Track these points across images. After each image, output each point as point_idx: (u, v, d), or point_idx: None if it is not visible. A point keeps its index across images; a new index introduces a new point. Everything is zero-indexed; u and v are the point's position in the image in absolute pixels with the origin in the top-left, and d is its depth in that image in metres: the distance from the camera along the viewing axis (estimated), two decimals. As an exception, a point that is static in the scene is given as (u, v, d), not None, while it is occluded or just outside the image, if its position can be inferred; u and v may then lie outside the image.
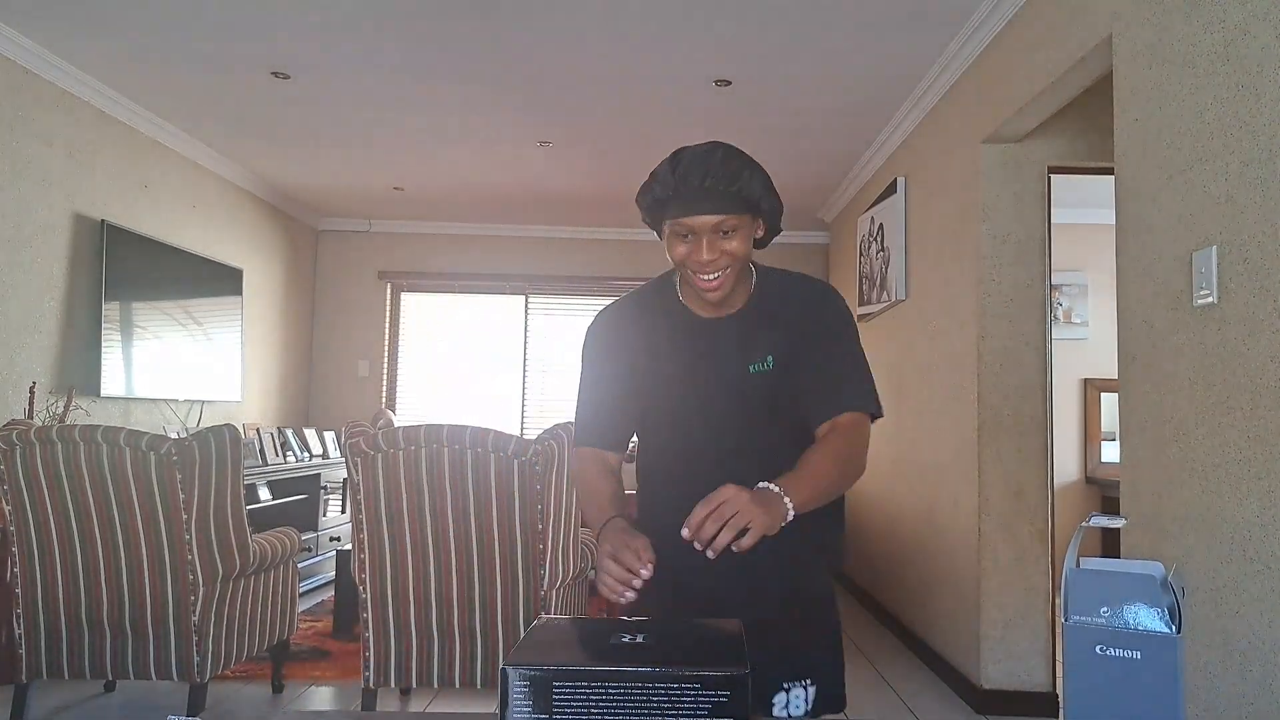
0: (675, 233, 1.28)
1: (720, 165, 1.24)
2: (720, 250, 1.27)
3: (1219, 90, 1.89)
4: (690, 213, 1.25)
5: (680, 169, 1.25)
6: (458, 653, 2.55)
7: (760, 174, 1.28)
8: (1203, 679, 1.91)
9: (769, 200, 1.30)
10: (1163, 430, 2.08)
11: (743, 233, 1.28)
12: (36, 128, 3.76)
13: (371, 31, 3.45)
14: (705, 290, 1.30)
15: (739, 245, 1.28)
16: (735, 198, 1.25)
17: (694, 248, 1.27)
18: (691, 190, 1.24)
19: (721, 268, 1.27)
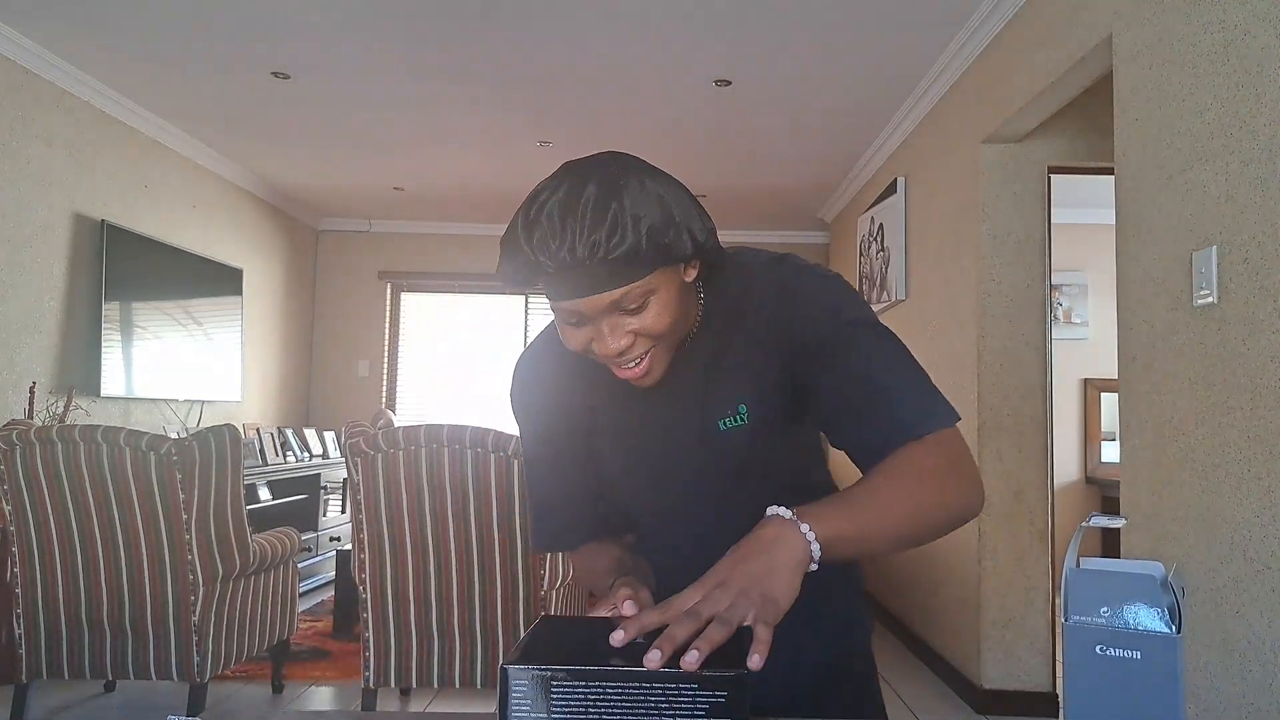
0: (562, 316, 0.87)
1: (592, 219, 0.79)
2: (631, 332, 0.86)
3: (1219, 90, 1.88)
4: (567, 294, 0.83)
5: (538, 236, 0.80)
6: (458, 653, 2.56)
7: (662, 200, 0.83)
8: (1203, 679, 1.91)
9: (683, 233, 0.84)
10: (1163, 430, 2.08)
11: (660, 295, 0.85)
12: (36, 128, 3.76)
13: (371, 31, 3.45)
14: (629, 379, 0.91)
15: (659, 313, 0.86)
16: (630, 260, 0.81)
17: (593, 335, 0.87)
18: (562, 266, 0.80)
19: (643, 347, 0.88)
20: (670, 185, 0.85)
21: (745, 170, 5.22)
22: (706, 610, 0.70)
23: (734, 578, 0.73)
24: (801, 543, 0.76)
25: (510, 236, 0.83)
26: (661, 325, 0.86)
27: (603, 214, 0.79)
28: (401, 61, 3.73)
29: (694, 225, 0.85)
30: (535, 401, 1.07)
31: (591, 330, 0.87)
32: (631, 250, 0.80)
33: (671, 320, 0.87)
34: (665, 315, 0.86)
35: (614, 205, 0.80)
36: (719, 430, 0.98)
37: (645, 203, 0.81)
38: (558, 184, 0.82)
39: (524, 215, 0.82)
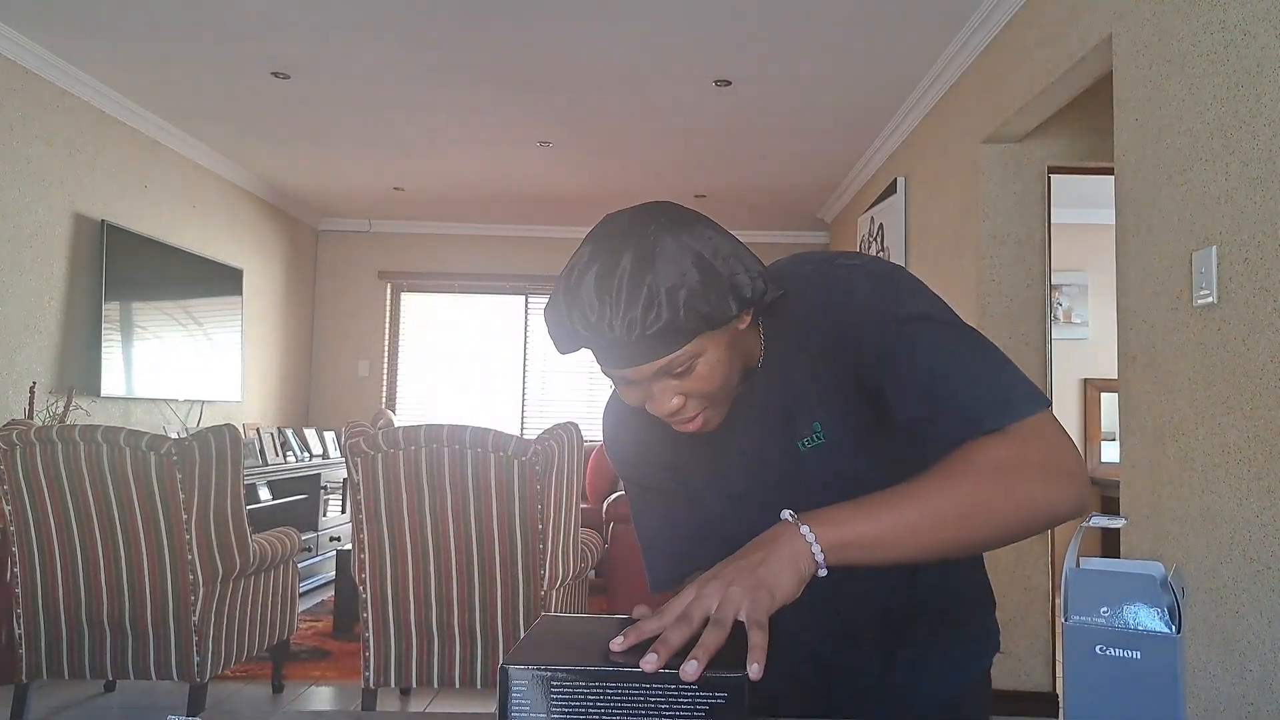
0: (614, 380, 0.87)
1: (627, 301, 0.77)
2: (681, 392, 0.85)
3: (1219, 90, 1.88)
4: (613, 364, 0.83)
5: (576, 313, 0.80)
6: (458, 653, 2.56)
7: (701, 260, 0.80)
8: (1203, 679, 1.91)
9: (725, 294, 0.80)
10: (1163, 430, 2.08)
11: (708, 356, 0.83)
12: (36, 128, 3.76)
13: (371, 31, 3.45)
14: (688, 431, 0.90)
15: (707, 375, 0.84)
16: (669, 333, 0.79)
17: (645, 395, 0.87)
18: (603, 340, 0.80)
19: (695, 410, 0.87)
20: (710, 238, 0.82)
21: (745, 170, 5.22)
22: (699, 610, 0.69)
23: (725, 572, 0.73)
24: (802, 545, 0.74)
25: (553, 305, 0.83)
26: (710, 386, 0.85)
27: (637, 290, 0.77)
28: (401, 61, 3.73)
29: (739, 279, 0.82)
30: (627, 449, 1.07)
31: (643, 392, 0.87)
32: (669, 324, 0.78)
33: (722, 378, 0.86)
34: (715, 375, 0.85)
35: (649, 279, 0.77)
36: (801, 451, 0.95)
37: (682, 269, 0.78)
38: (595, 253, 0.80)
39: (565, 285, 0.81)
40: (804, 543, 0.75)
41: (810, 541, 0.75)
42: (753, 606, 0.69)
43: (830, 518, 0.76)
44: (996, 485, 0.78)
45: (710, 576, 0.73)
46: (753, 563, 0.73)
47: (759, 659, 0.65)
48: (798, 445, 0.95)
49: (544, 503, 2.48)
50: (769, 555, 0.74)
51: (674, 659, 0.64)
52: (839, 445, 0.94)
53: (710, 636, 0.66)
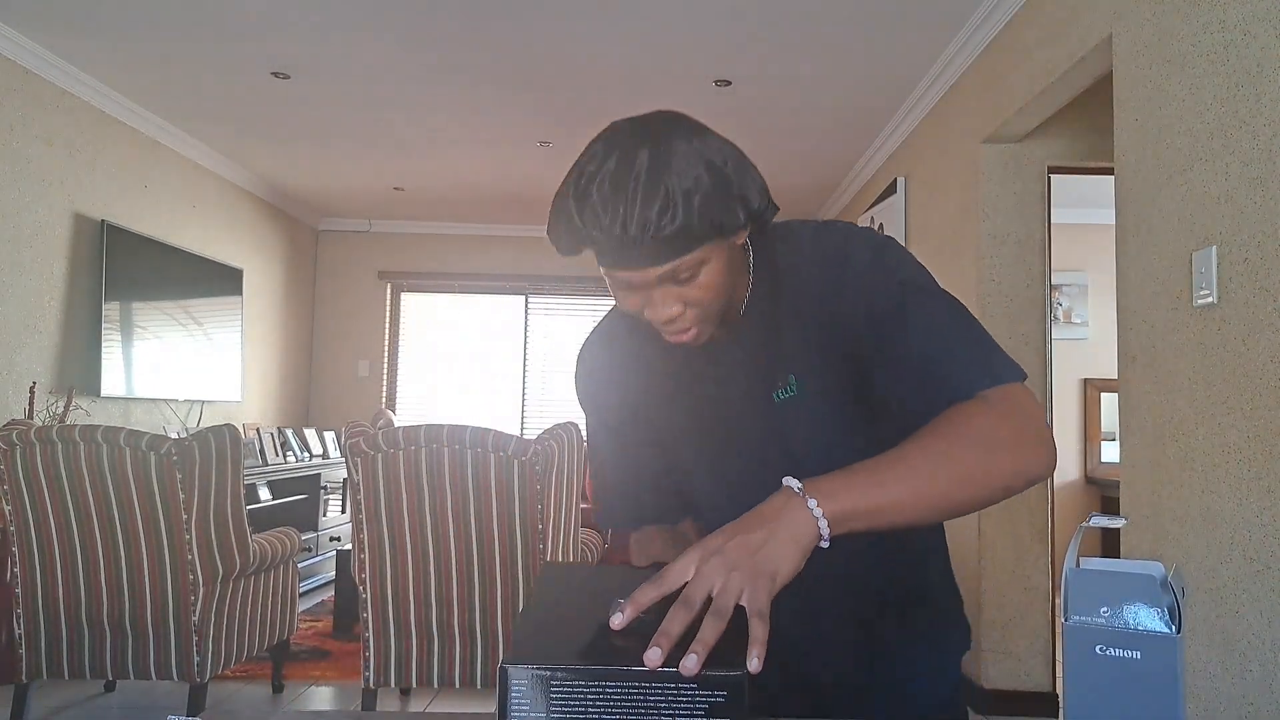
0: (613, 281, 0.87)
1: (643, 196, 0.77)
2: (681, 298, 0.86)
3: (1219, 90, 1.88)
4: (619, 264, 0.83)
5: (588, 211, 0.79)
6: (458, 653, 2.56)
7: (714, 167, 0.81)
8: (1203, 679, 1.91)
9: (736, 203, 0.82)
10: (1163, 430, 2.08)
11: (711, 266, 0.85)
12: (36, 128, 3.76)
13: (371, 31, 3.45)
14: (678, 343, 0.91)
15: (708, 284, 0.85)
16: (682, 237, 0.79)
17: (644, 301, 0.87)
18: (613, 241, 0.79)
19: (691, 322, 0.88)
20: (722, 148, 0.83)
21: (745, 170, 5.22)
22: (699, 592, 0.67)
23: (729, 549, 0.70)
24: (808, 519, 0.72)
25: (560, 204, 0.82)
26: (709, 295, 0.86)
27: (654, 190, 0.77)
28: (401, 61, 3.73)
29: (748, 190, 0.84)
30: (599, 389, 1.08)
31: (643, 298, 0.87)
32: (683, 227, 0.78)
33: (721, 289, 0.87)
34: (716, 285, 0.86)
35: (666, 180, 0.78)
36: (775, 402, 0.96)
37: (696, 172, 0.79)
38: (608, 151, 0.80)
39: (574, 185, 0.81)
40: (809, 515, 0.73)
41: (817, 516, 0.73)
42: (753, 594, 0.67)
43: (834, 489, 0.74)
44: (986, 452, 0.80)
45: (711, 552, 0.70)
46: (755, 543, 0.71)
47: (759, 652, 0.64)
48: (773, 396, 0.96)
49: (544, 503, 2.48)
50: (773, 534, 0.71)
51: (674, 651, 0.64)
52: (812, 400, 0.95)
53: (709, 629, 0.64)
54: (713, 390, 1.00)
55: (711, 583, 0.68)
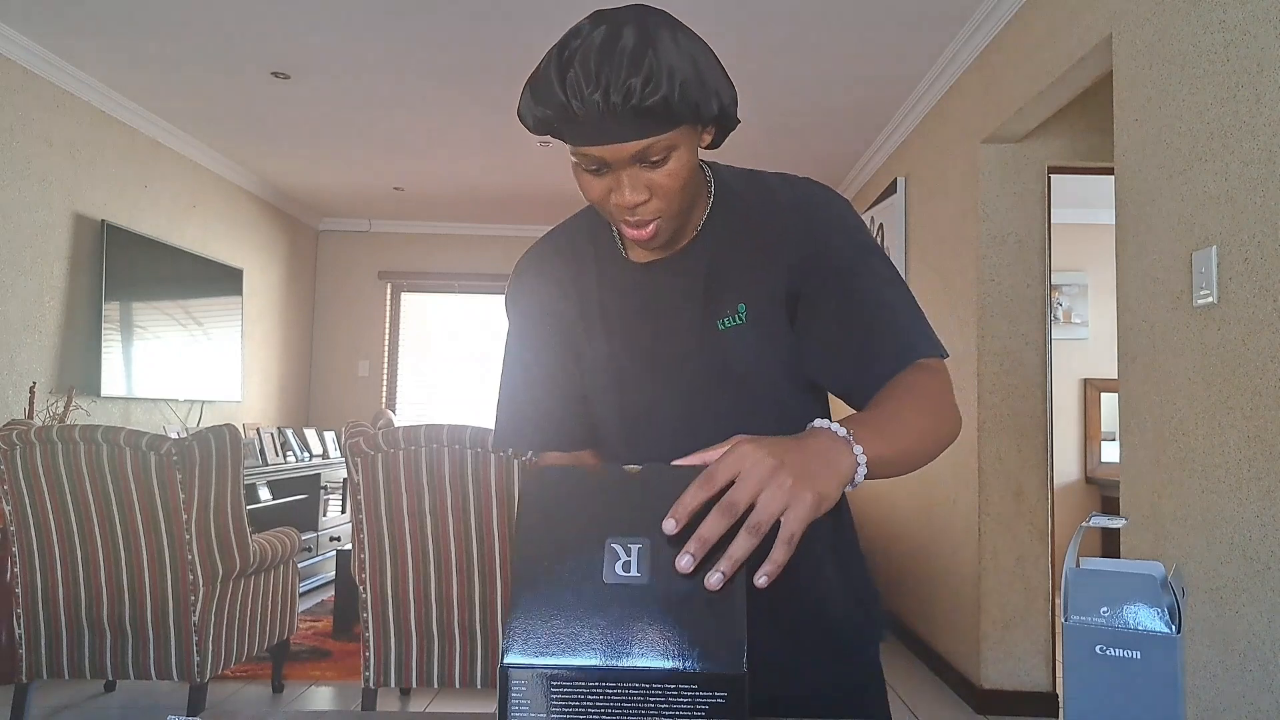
0: (580, 164, 0.88)
1: (628, 65, 0.79)
2: (648, 185, 0.87)
3: (1219, 90, 1.89)
4: (594, 140, 0.83)
5: (571, 78, 0.81)
6: (458, 653, 2.56)
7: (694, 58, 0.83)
8: (1203, 679, 1.91)
9: (711, 94, 0.85)
10: (1163, 430, 2.08)
11: (680, 153, 0.86)
12: (36, 128, 3.76)
13: (371, 31, 3.45)
14: (634, 241, 0.92)
15: (676, 171, 0.86)
16: (660, 111, 0.81)
17: (611, 184, 0.88)
18: (592, 110, 0.81)
19: (654, 213, 0.89)
20: (702, 45, 0.86)
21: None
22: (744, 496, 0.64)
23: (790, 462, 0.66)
24: (852, 462, 0.72)
25: (540, 79, 0.83)
26: (675, 184, 0.87)
27: (639, 61, 0.79)
28: (401, 61, 3.73)
29: (722, 89, 0.87)
30: (529, 302, 1.07)
31: (611, 180, 0.87)
32: (664, 100, 0.80)
33: (687, 184, 0.89)
34: (682, 176, 0.87)
35: (650, 53, 0.80)
36: (718, 330, 0.97)
37: (679, 56, 0.81)
38: (593, 28, 0.82)
39: (557, 57, 0.82)
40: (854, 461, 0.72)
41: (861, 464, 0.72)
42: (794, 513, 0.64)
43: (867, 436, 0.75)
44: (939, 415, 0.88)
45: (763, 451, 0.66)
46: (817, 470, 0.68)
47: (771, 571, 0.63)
48: (717, 323, 0.97)
49: (544, 503, 2.48)
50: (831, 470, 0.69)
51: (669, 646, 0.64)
52: (758, 329, 0.96)
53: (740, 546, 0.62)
54: (652, 313, 1.00)
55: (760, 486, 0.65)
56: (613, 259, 1.03)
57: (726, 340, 0.96)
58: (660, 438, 1.00)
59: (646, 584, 0.65)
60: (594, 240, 1.05)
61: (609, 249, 1.03)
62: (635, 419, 1.02)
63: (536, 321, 1.06)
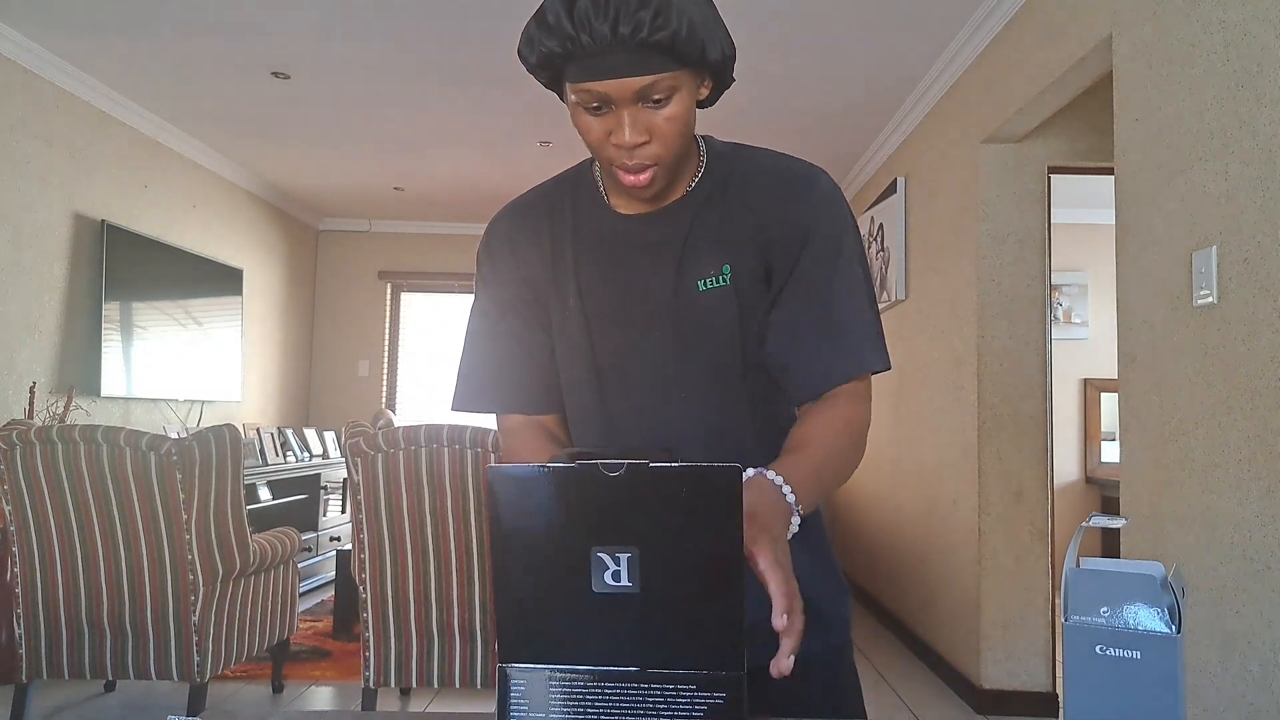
0: (580, 102, 0.87)
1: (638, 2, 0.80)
2: (649, 127, 0.87)
3: (1219, 90, 1.88)
4: (599, 74, 0.83)
5: (580, 10, 0.80)
6: (458, 653, 2.56)
7: (699, 7, 0.84)
8: (1203, 679, 1.91)
9: (716, 40, 0.86)
10: (1163, 430, 2.08)
11: (681, 96, 0.86)
12: (36, 128, 3.76)
13: (371, 31, 3.45)
14: (629, 187, 0.91)
15: (676, 115, 0.87)
16: (667, 47, 0.82)
17: (611, 124, 0.88)
18: (599, 41, 0.81)
19: (652, 158, 0.89)
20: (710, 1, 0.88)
21: (745, 170, 5.22)
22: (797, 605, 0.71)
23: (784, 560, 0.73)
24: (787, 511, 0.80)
25: (547, 13, 0.83)
26: (677, 128, 0.87)
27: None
28: (402, 61, 3.73)
29: (724, 40, 0.88)
30: (495, 261, 1.06)
31: (612, 120, 0.87)
32: (672, 36, 0.81)
33: (685, 131, 0.89)
34: (682, 118, 0.87)
35: None
36: (697, 290, 0.97)
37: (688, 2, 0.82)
38: None
39: None
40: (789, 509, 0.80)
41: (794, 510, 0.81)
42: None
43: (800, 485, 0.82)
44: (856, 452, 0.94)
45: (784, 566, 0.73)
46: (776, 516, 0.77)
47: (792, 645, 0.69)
48: (697, 283, 0.97)
49: (544, 503, 2.48)
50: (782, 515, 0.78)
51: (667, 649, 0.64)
52: (739, 292, 0.97)
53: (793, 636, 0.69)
54: (629, 264, 0.99)
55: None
56: (593, 208, 1.02)
57: (706, 300, 0.97)
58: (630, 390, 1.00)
59: (638, 593, 0.64)
60: (574, 192, 1.04)
61: (590, 199, 1.03)
62: (605, 369, 1.00)
63: (503, 282, 1.05)
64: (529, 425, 1.05)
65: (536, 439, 1.03)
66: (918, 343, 4.07)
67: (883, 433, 4.60)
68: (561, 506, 0.65)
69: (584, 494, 0.65)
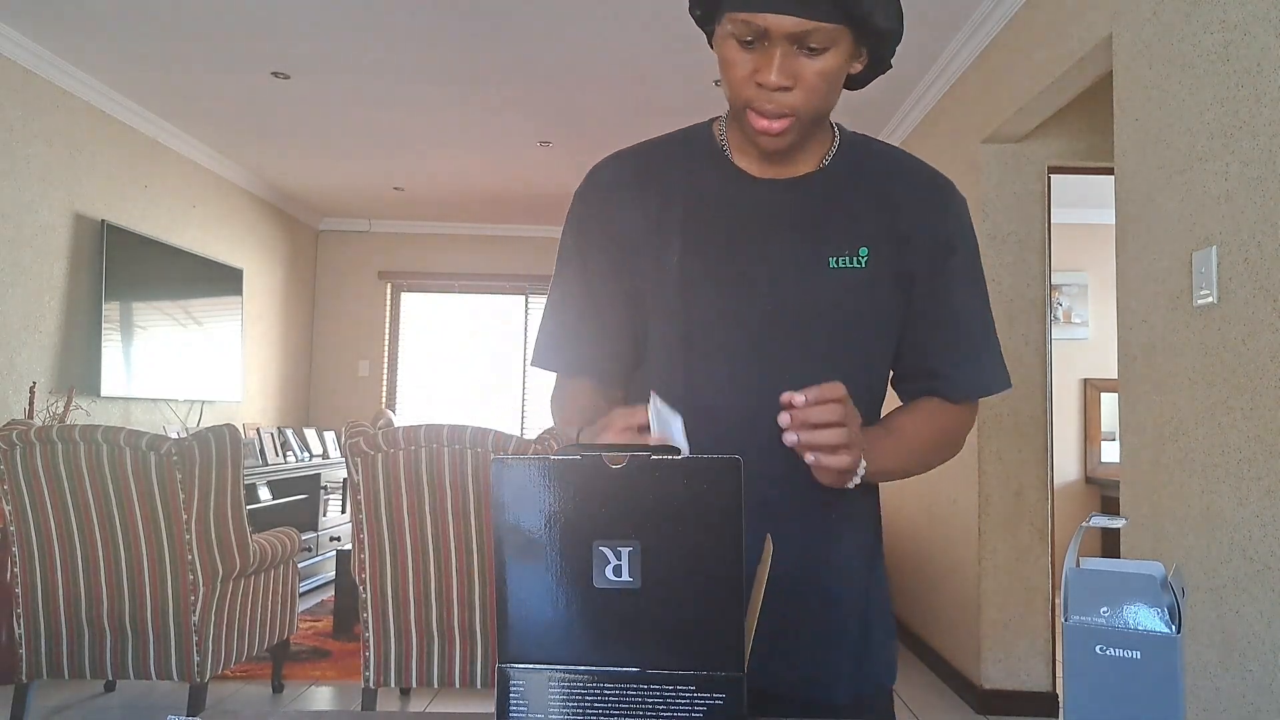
0: (734, 32, 0.83)
1: None
2: (796, 73, 0.83)
3: (1219, 90, 1.88)
4: (764, 5, 0.80)
5: None
6: (458, 653, 2.56)
7: None
8: (1203, 679, 1.91)
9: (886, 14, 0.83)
10: (1163, 430, 2.08)
11: (836, 53, 0.83)
12: (36, 128, 3.76)
13: (371, 31, 3.45)
14: (760, 133, 0.86)
15: (826, 71, 0.83)
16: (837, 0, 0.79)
17: (759, 62, 0.83)
18: None
19: (792, 107, 0.84)
20: None
21: (745, 170, 5.22)
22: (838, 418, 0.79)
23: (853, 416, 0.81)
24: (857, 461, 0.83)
25: None
26: (824, 83, 0.84)
27: None
28: (401, 61, 3.73)
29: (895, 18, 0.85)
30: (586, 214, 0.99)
31: (760, 58, 0.83)
32: None
33: (832, 86, 0.86)
34: (831, 75, 0.84)
35: None
36: (828, 267, 0.91)
37: None
38: None
39: None
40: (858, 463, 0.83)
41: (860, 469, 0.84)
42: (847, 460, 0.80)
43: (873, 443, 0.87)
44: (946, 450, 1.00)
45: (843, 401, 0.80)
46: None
47: (808, 445, 0.79)
48: (829, 259, 0.91)
49: (544, 503, 2.48)
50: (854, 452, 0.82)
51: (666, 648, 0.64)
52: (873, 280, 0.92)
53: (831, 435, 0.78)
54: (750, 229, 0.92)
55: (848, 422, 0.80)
56: (713, 164, 0.95)
57: (836, 279, 0.91)
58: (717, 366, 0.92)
59: (639, 588, 0.64)
60: (689, 145, 0.97)
61: (709, 153, 0.95)
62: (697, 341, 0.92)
63: (591, 240, 0.98)
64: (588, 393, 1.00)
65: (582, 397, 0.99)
66: (918, 343, 4.07)
67: (883, 433, 4.59)
68: (564, 498, 0.65)
69: (587, 486, 0.65)
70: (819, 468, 0.79)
